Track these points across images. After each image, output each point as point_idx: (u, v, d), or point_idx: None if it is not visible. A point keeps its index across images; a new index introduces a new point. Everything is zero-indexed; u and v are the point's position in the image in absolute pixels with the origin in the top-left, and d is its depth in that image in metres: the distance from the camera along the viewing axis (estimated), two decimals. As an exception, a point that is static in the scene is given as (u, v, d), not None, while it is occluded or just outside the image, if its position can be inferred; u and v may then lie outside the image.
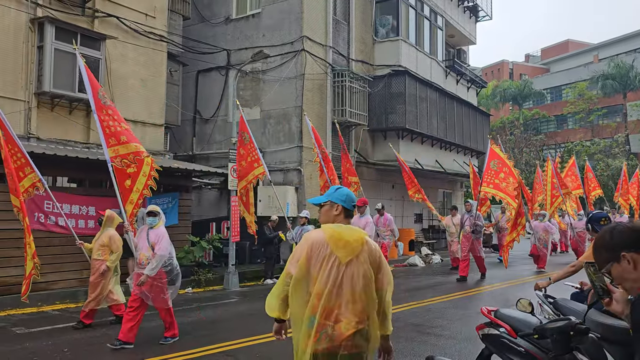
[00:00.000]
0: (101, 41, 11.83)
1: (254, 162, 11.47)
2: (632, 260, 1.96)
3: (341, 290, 3.00)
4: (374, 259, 3.13)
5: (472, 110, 23.59)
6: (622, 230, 2.05)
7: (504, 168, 12.69)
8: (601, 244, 2.08)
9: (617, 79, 43.52)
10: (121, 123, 7.94)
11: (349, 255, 3.06)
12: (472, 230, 12.87)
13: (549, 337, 3.40)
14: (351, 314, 2.98)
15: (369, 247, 3.15)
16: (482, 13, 25.37)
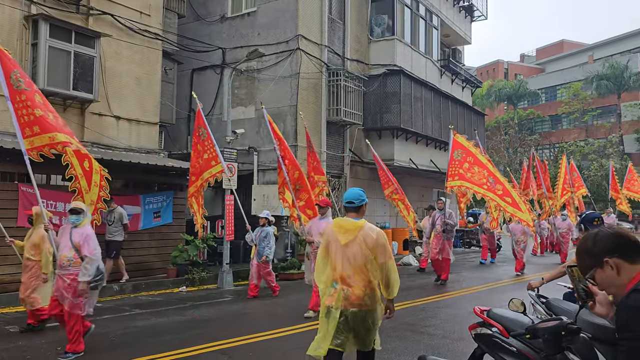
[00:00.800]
0: (95, 39, 11.78)
1: (211, 160, 10.83)
2: (615, 266, 1.94)
3: (347, 263, 4.12)
4: (369, 241, 4.11)
5: (467, 109, 23.64)
6: (604, 236, 2.02)
7: (469, 157, 11.96)
8: (584, 249, 2.06)
9: (612, 79, 43.76)
10: (35, 110, 7.08)
11: (347, 239, 4.16)
12: (442, 229, 12.18)
13: (540, 337, 3.42)
14: (359, 281, 4.10)
15: (364, 232, 4.15)
16: (477, 13, 25.44)
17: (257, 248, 10.20)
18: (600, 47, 56.50)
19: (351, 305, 4.04)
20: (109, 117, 12.32)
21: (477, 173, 11.60)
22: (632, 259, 1.94)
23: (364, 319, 4.06)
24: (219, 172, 10.83)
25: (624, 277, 1.93)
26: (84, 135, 11.75)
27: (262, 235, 10.25)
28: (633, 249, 1.96)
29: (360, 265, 4.09)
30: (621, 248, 1.96)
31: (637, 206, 33.09)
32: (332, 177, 16.84)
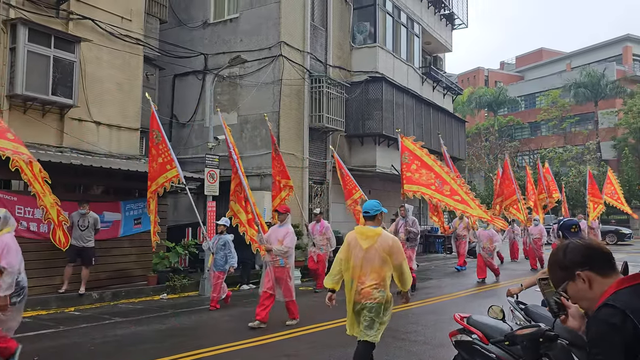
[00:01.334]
0: (76, 44, 11.66)
1: (166, 164, 10.39)
2: (587, 279, 1.90)
3: (367, 264, 5.03)
4: (385, 247, 5.01)
5: (448, 116, 23.89)
6: (575, 248, 1.97)
7: (415, 161, 11.78)
8: (555, 261, 2.01)
9: (589, 87, 44.59)
10: None
11: (367, 245, 5.04)
12: (406, 237, 11.43)
13: (519, 343, 3.47)
14: (372, 280, 5.02)
15: (382, 239, 5.05)
16: (458, 21, 25.76)
17: (215, 257, 9.85)
18: (577, 55, 57.59)
19: (361, 298, 5.03)
20: (89, 122, 12.19)
21: (425, 175, 11.56)
22: (604, 272, 1.90)
23: (367, 309, 5.00)
24: (175, 176, 10.37)
25: (596, 291, 1.88)
26: (63, 140, 11.61)
27: (220, 243, 9.88)
28: (605, 261, 1.92)
29: (376, 267, 5.03)
30: (593, 261, 1.92)
31: (614, 212, 33.68)
32: (315, 183, 16.86)
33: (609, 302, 1.78)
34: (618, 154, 42.14)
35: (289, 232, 8.26)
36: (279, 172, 12.13)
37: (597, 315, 1.79)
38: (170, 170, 10.41)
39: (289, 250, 8.19)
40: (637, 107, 39.08)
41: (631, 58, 52.66)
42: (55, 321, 8.55)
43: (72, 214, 10.42)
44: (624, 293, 1.80)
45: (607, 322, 1.73)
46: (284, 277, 8.18)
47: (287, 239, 8.21)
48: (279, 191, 11.93)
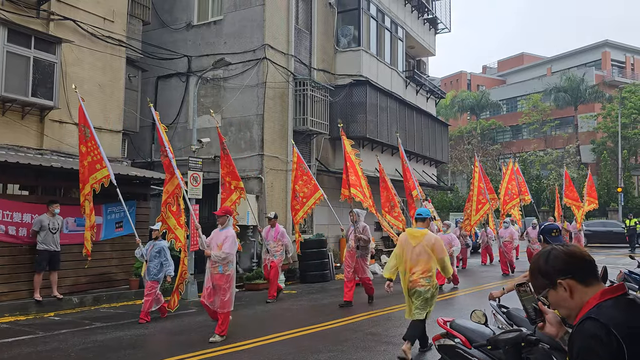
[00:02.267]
0: (57, 45, 11.50)
1: (96, 163, 9.60)
2: (568, 288, 1.88)
3: (414, 258, 6.44)
4: (429, 243, 6.46)
5: (432, 120, 24.07)
6: (557, 256, 1.94)
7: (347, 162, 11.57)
8: (536, 268, 1.98)
9: (569, 91, 45.30)
10: None
11: (415, 243, 6.49)
12: (356, 245, 10.62)
13: (501, 348, 3.50)
14: (420, 270, 6.43)
15: (427, 237, 6.50)
16: (441, 25, 25.99)
17: (148, 265, 9.00)
18: (558, 60, 58.51)
19: (412, 285, 6.43)
20: (70, 124, 12.03)
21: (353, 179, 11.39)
22: (585, 281, 1.88)
23: (417, 294, 6.41)
24: (105, 177, 9.58)
25: (577, 300, 1.87)
26: (44, 143, 11.44)
27: (155, 250, 9.05)
28: (587, 270, 1.90)
29: (423, 260, 6.42)
30: (574, 269, 1.89)
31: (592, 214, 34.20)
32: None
33: (592, 315, 1.76)
34: (597, 157, 42.85)
35: (229, 237, 7.59)
36: (228, 173, 11.26)
37: (581, 329, 1.77)
38: (100, 170, 9.58)
39: (227, 256, 7.53)
40: (615, 111, 39.78)
41: (610, 63, 53.65)
42: (34, 327, 8.42)
43: (41, 216, 10.01)
44: (607, 306, 1.78)
45: (592, 336, 1.71)
46: (223, 286, 7.50)
47: (227, 244, 7.53)
48: (229, 193, 11.13)
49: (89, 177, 9.65)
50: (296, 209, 12.68)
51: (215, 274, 7.55)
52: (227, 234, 7.65)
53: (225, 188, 11.28)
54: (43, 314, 9.58)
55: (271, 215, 11.90)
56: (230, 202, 11.03)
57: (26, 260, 10.14)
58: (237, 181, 11.20)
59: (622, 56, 55.61)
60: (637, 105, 40.26)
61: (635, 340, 1.68)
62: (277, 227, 11.62)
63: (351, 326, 8.38)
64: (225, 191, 11.28)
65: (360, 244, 10.61)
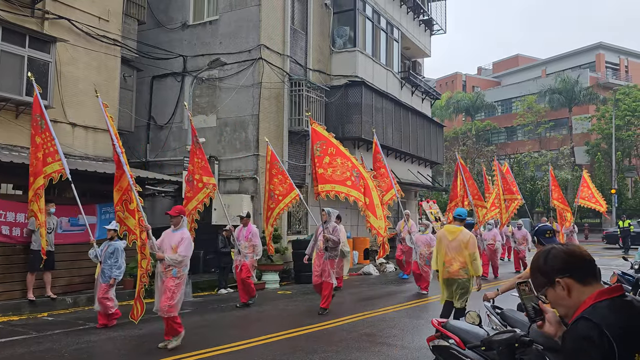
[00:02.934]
0: (51, 44, 11.46)
1: (47, 157, 9.01)
2: (566, 287, 1.90)
3: (451, 252, 7.25)
4: (464, 239, 7.23)
5: (427, 121, 24.12)
6: (556, 255, 1.96)
7: (330, 149, 10.31)
8: (536, 267, 2.01)
9: (563, 93, 45.48)
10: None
11: (452, 238, 7.32)
12: (324, 247, 9.78)
13: (495, 349, 3.52)
14: (457, 262, 7.22)
15: (462, 234, 7.29)
16: (436, 27, 26.03)
17: (102, 266, 8.60)
18: (552, 62, 58.74)
19: (450, 275, 7.24)
20: (64, 124, 11.98)
21: (341, 166, 10.21)
22: (584, 280, 1.90)
23: (458, 284, 7.22)
24: (56, 171, 8.96)
25: (574, 299, 1.89)
26: (38, 142, 11.38)
27: (109, 251, 8.64)
28: (585, 269, 1.92)
29: (459, 254, 7.21)
30: (573, 268, 1.91)
31: (587, 215, 34.38)
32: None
33: (585, 315, 1.78)
34: (591, 159, 43.05)
35: (185, 239, 7.12)
36: (200, 168, 10.26)
37: (574, 328, 1.79)
38: (52, 164, 8.93)
39: (184, 260, 7.07)
40: (609, 113, 39.99)
41: (604, 65, 53.91)
42: (28, 327, 8.38)
43: None
44: (601, 306, 1.80)
45: (584, 337, 1.73)
46: (172, 287, 7.02)
47: (182, 247, 7.05)
48: (196, 192, 10.22)
49: (41, 170, 8.93)
50: (271, 207, 11.92)
51: (168, 278, 7.06)
52: (183, 235, 7.18)
53: (193, 186, 10.31)
54: (36, 314, 9.53)
55: (243, 214, 11.09)
56: (197, 201, 10.22)
57: (20, 260, 10.09)
58: (209, 177, 10.37)
59: (617, 58, 55.90)
60: (631, 107, 40.48)
61: (627, 341, 1.69)
62: (249, 226, 10.86)
63: (346, 327, 8.39)
64: (193, 190, 10.35)
65: (329, 245, 9.78)
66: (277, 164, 12.04)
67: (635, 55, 57.23)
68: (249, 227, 10.84)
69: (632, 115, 40.34)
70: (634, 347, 1.70)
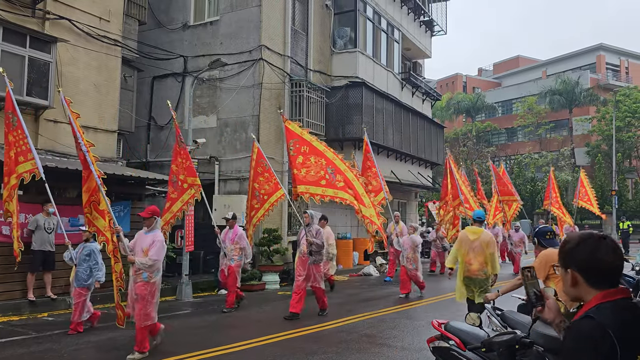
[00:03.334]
0: (52, 44, 11.46)
1: (19, 155, 8.67)
2: (574, 279, 1.93)
3: (472, 252, 7.59)
4: (485, 240, 7.63)
5: (427, 122, 24.12)
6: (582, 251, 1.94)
7: (303, 147, 9.88)
8: (563, 247, 2.00)
9: (564, 94, 45.45)
10: None
11: (473, 238, 7.66)
12: (308, 251, 9.27)
13: (495, 350, 3.52)
14: (477, 261, 7.55)
15: (483, 235, 7.70)
16: (437, 28, 26.03)
17: (77, 269, 8.28)
18: (553, 63, 58.73)
19: (470, 274, 7.57)
20: (64, 124, 11.94)
21: (314, 165, 9.80)
22: (594, 284, 1.90)
23: (477, 283, 7.54)
24: (28, 171, 8.59)
25: (579, 292, 1.92)
26: (38, 142, 11.37)
27: (85, 253, 8.32)
28: (602, 278, 1.90)
29: (479, 253, 7.54)
30: (590, 270, 1.90)
31: (587, 217, 34.36)
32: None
33: (590, 314, 1.80)
34: (591, 160, 43.02)
35: (157, 241, 6.69)
36: (185, 168, 9.94)
37: (577, 326, 1.81)
38: (23, 164, 8.59)
39: (155, 264, 6.65)
40: (610, 114, 39.97)
41: (604, 67, 53.90)
42: (27, 327, 8.37)
43: (36, 216, 9.97)
44: (606, 307, 1.81)
45: (587, 336, 1.75)
46: (145, 296, 6.58)
47: (153, 250, 6.63)
48: (181, 192, 9.90)
49: (14, 169, 8.62)
50: (256, 207, 11.52)
51: (138, 282, 6.64)
52: (155, 237, 6.75)
53: (176, 187, 9.96)
54: (36, 314, 9.53)
55: (229, 216, 10.55)
56: (182, 202, 9.94)
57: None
58: (194, 177, 10.00)
59: (617, 59, 55.89)
60: (632, 109, 40.47)
61: (629, 343, 1.71)
62: (235, 228, 10.37)
63: (346, 328, 8.38)
64: (177, 190, 9.99)
65: (313, 249, 9.23)
66: (264, 162, 11.66)
67: (636, 57, 57.20)
68: (235, 229, 10.38)
69: (633, 116, 40.33)
70: (635, 348, 1.71)
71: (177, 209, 9.95)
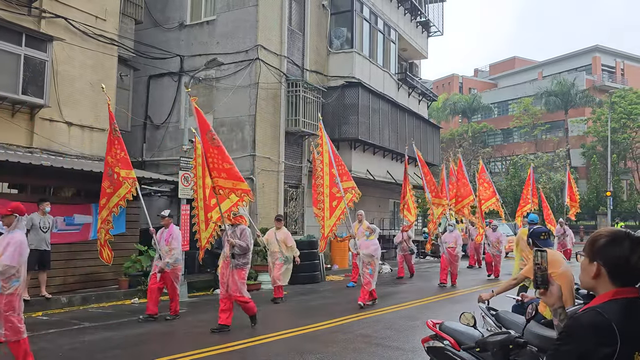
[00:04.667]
0: (48, 42, 11.43)
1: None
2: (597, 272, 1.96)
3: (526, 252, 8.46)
4: None
5: (423, 122, 24.17)
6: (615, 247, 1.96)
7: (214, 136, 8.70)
8: (594, 239, 2.02)
9: (560, 96, 45.64)
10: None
11: None
12: (231, 254, 8.19)
13: (489, 350, 3.53)
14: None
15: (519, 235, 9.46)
16: (433, 28, 26.11)
17: None
18: (549, 64, 58.93)
19: None
20: (60, 123, 11.95)
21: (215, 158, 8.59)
22: (615, 280, 1.94)
23: None
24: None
25: (598, 283, 1.97)
26: (34, 141, 11.36)
27: None
28: (626, 277, 1.94)
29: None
30: (619, 269, 1.93)
31: (582, 217, 34.47)
32: (290, 187, 16.84)
33: (597, 308, 1.87)
34: (587, 161, 43.20)
35: (12, 243, 5.61)
36: (119, 160, 9.23)
37: (582, 315, 1.87)
38: None
39: (5, 270, 5.53)
40: (605, 116, 40.14)
41: (600, 68, 54.13)
42: (22, 326, 8.33)
43: (32, 215, 9.82)
44: (615, 303, 1.88)
45: (589, 323, 1.83)
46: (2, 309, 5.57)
47: (7, 254, 5.54)
48: (118, 186, 9.14)
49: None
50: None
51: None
52: (11, 239, 5.59)
53: (112, 180, 9.26)
54: (31, 313, 9.49)
55: (165, 214, 9.58)
56: (119, 197, 9.25)
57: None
58: (129, 170, 9.35)
59: (613, 61, 56.13)
60: (627, 110, 40.65)
61: (630, 339, 1.79)
62: (170, 228, 9.42)
63: (341, 328, 8.39)
64: (112, 184, 9.34)
65: (236, 252, 8.17)
66: None
67: (632, 59, 57.47)
68: (170, 228, 9.40)
69: (628, 118, 40.51)
70: (635, 346, 1.79)
71: (114, 205, 9.37)
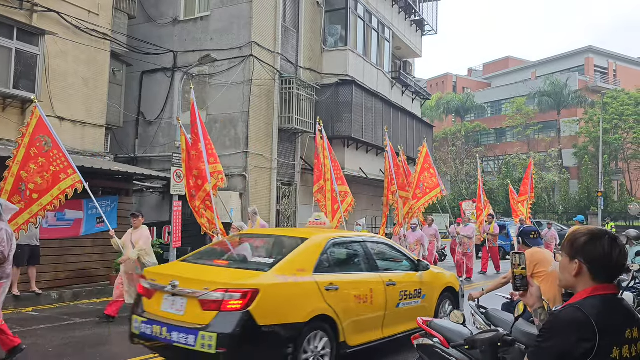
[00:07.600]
0: (40, 36, 11.35)
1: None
2: (578, 270, 1.99)
3: None
4: None
5: (417, 121, 24.21)
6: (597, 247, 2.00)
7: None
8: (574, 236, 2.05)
9: (552, 96, 45.83)
10: None
11: None
12: None
13: (478, 347, 3.55)
14: None
15: None
16: (427, 27, 26.14)
17: None
18: (542, 64, 59.16)
19: None
20: (52, 117, 11.82)
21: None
22: (596, 277, 1.98)
23: None
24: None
25: (578, 281, 2.00)
26: (25, 136, 11.27)
27: None
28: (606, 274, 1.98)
29: None
30: (600, 266, 1.97)
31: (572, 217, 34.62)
32: (283, 184, 16.83)
33: (576, 305, 1.91)
34: (579, 161, 43.43)
35: None
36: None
37: (562, 312, 1.92)
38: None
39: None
40: (597, 116, 40.36)
41: (592, 69, 54.41)
42: (12, 322, 8.26)
43: None
44: (593, 300, 1.93)
45: (569, 319, 1.87)
46: None
47: None
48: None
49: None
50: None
51: None
52: None
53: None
54: (21, 309, 9.44)
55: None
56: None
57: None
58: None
59: (605, 62, 56.43)
60: (619, 111, 40.89)
61: (608, 334, 1.84)
62: (140, 229, 8.79)
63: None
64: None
65: None
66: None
67: (624, 60, 57.83)
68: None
69: (620, 119, 40.76)
70: (613, 340, 1.85)
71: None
